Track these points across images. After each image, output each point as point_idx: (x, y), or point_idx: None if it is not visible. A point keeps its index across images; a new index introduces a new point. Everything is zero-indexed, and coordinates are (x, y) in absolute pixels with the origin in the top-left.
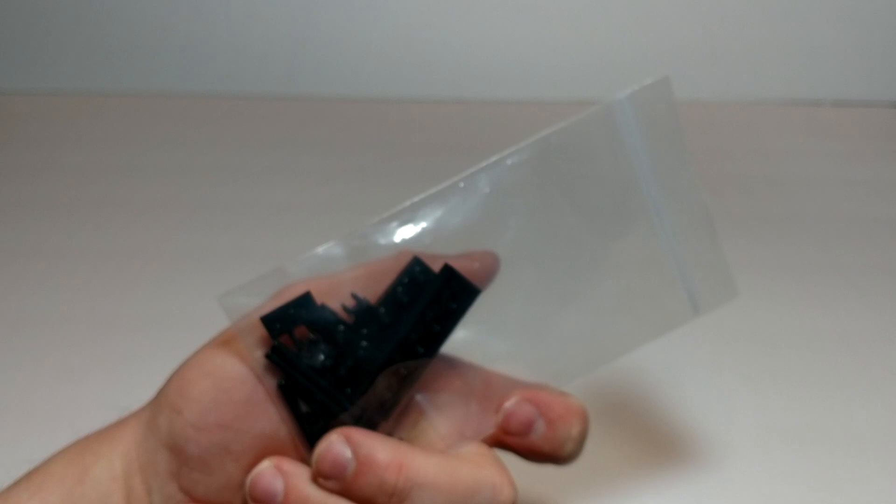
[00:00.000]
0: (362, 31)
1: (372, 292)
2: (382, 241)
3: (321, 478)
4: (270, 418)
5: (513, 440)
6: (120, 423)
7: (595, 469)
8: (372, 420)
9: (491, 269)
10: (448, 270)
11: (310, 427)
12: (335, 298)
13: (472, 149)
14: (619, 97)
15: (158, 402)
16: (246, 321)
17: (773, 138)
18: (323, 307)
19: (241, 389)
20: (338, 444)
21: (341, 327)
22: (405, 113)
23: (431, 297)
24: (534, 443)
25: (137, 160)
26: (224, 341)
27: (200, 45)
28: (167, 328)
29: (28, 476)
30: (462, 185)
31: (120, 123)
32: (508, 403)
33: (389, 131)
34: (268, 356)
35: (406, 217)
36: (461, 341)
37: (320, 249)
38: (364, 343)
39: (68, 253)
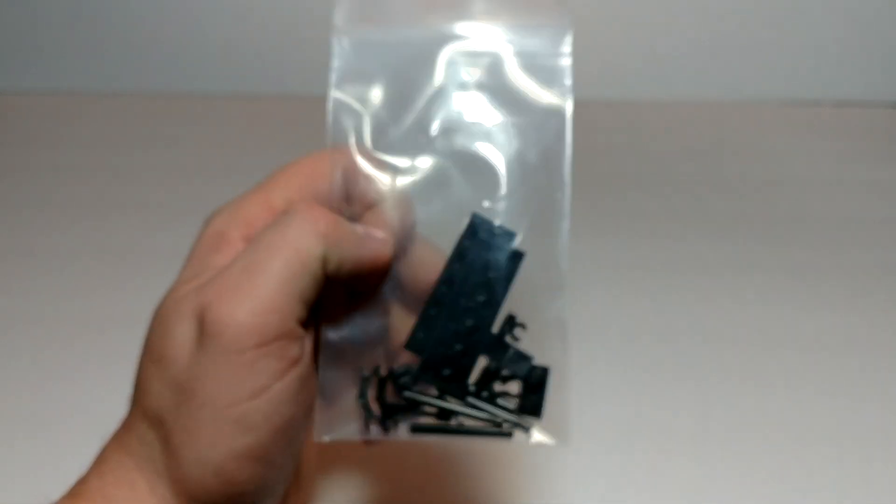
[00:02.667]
0: None
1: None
2: None
3: None
4: None
5: None
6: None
7: (599, 472)
8: None
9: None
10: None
11: None
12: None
13: None
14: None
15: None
16: None
17: (773, 138)
18: None
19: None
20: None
21: None
22: None
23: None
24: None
25: (135, 160)
26: None
27: (198, 46)
28: None
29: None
30: None
31: (118, 123)
32: None
33: None
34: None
35: None
36: None
37: None
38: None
39: (67, 252)
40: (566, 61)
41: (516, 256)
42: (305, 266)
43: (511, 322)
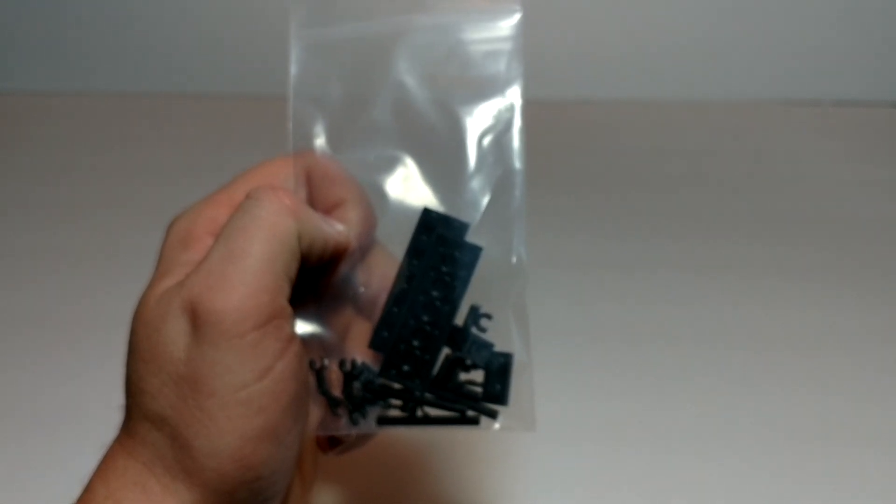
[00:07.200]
0: None
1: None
2: None
3: None
4: None
5: None
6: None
7: (598, 471)
8: None
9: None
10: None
11: None
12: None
13: None
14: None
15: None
16: None
17: (772, 138)
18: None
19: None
20: None
21: None
22: None
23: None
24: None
25: (134, 159)
26: None
27: (198, 46)
28: None
29: None
30: None
31: (116, 123)
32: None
33: None
34: None
35: None
36: None
37: None
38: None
39: (68, 253)
40: (517, 46)
41: (474, 249)
42: (284, 243)
43: (475, 313)
